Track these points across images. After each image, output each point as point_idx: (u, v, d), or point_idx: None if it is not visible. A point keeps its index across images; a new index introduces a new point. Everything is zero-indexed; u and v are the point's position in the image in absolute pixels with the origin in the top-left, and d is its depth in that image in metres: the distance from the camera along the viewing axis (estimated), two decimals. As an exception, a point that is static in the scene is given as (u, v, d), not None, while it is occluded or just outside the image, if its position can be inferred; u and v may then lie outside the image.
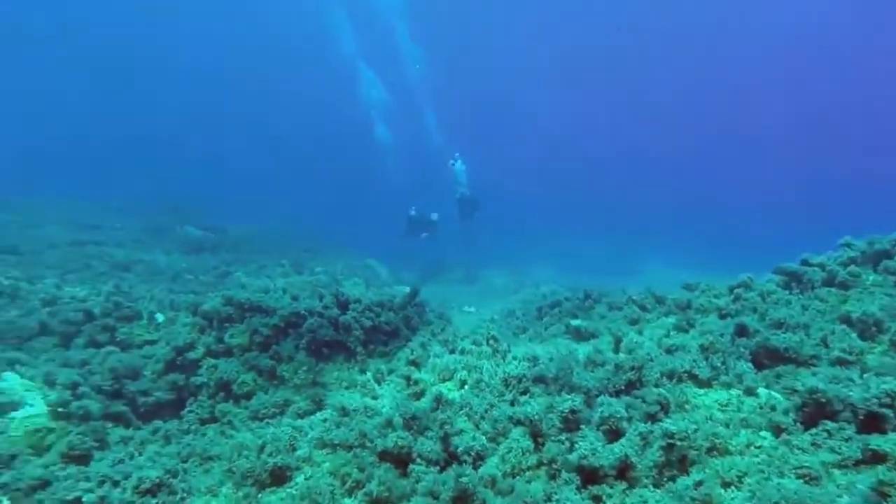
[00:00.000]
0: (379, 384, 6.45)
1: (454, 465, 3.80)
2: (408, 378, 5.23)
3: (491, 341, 5.74)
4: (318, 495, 3.85)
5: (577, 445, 3.64)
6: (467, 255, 22.85)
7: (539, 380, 4.66)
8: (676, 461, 3.74)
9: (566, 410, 3.93)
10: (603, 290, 9.21)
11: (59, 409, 5.51)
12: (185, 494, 3.65)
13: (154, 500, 3.20)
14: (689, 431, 3.75)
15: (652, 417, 4.13)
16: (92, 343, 7.35)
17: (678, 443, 3.68)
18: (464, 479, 3.13)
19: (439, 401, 4.62)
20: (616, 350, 6.52)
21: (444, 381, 5.33)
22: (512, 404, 4.49)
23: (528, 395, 4.58)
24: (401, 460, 4.17)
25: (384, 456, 4.22)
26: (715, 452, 3.99)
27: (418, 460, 4.09)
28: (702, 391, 4.96)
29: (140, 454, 4.75)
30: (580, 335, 7.44)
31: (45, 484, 3.70)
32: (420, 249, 21.92)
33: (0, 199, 17.36)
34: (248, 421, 6.23)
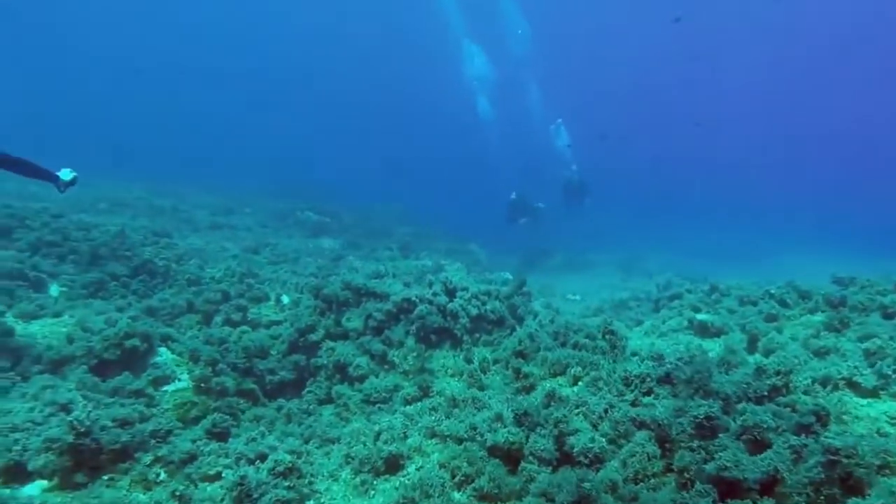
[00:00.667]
0: (485, 374, 6.35)
1: (572, 468, 3.58)
2: (517, 371, 5.05)
3: (608, 335, 5.37)
4: (429, 487, 3.84)
5: (716, 455, 3.23)
6: (568, 241, 21.99)
7: (665, 380, 4.25)
8: (838, 479, 3.20)
9: (701, 416, 3.52)
10: (731, 283, 8.29)
11: (202, 385, 6.09)
12: (311, 478, 3.82)
13: (286, 482, 3.38)
14: (856, 447, 3.19)
15: (805, 429, 3.57)
16: (228, 322, 8.07)
17: (843, 459, 3.13)
18: (586, 485, 2.90)
19: (552, 397, 4.40)
20: (751, 350, 5.83)
21: (555, 375, 5.09)
22: (633, 405, 4.14)
23: (653, 396, 4.19)
24: (511, 457, 4.03)
25: (494, 451, 4.10)
26: (887, 471, 3.37)
27: (530, 458, 3.92)
28: (864, 401, 4.24)
29: (269, 433, 5.09)
30: (705, 331, 6.75)
31: (192, 458, 4.07)
32: (522, 234, 21.43)
33: (159, 188, 19.83)
34: (361, 404, 6.46)
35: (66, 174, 6.28)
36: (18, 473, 3.62)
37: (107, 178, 18.52)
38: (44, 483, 3.58)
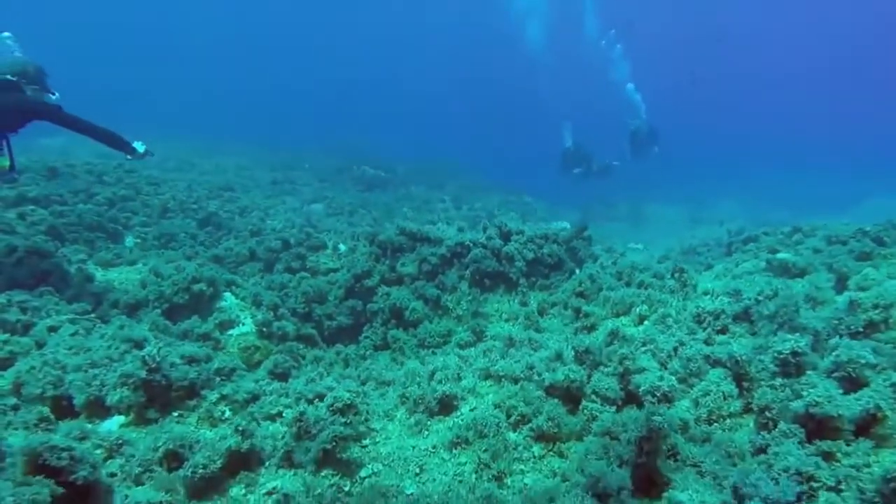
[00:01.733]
0: (542, 316, 6.13)
1: (636, 407, 3.33)
2: (577, 310, 4.78)
3: (678, 274, 4.96)
4: (484, 427, 3.72)
5: (803, 392, 2.87)
6: (631, 192, 20.84)
7: (742, 317, 3.85)
8: (951, 422, 2.77)
9: (786, 351, 3.14)
10: (816, 223, 7.49)
11: (264, 329, 6.25)
12: (367, 416, 3.80)
13: (343, 419, 3.36)
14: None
15: (912, 368, 3.12)
16: (288, 269, 8.24)
17: (957, 400, 2.70)
18: (657, 419, 2.65)
19: (615, 335, 4.11)
20: (839, 291, 5.23)
21: (618, 315, 4.78)
22: (707, 343, 3.79)
23: (728, 334, 3.82)
24: (571, 397, 3.82)
25: (552, 390, 3.90)
26: None
27: (592, 397, 3.70)
28: None
29: (328, 374, 5.15)
30: (786, 271, 6.13)
31: (255, 398, 4.15)
32: (579, 185, 20.48)
33: (220, 147, 20.50)
34: (415, 349, 6.44)
35: (139, 146, 6.48)
36: (99, 408, 3.81)
37: (176, 140, 19.27)
38: (121, 418, 3.76)
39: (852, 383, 3.10)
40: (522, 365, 4.24)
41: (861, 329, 3.54)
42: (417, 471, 3.62)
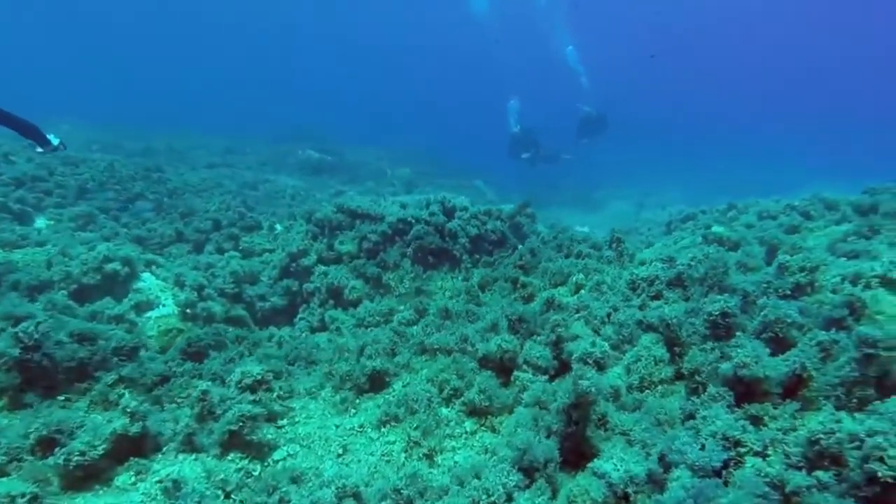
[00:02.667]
0: (483, 291, 5.94)
1: (567, 374, 3.17)
2: (514, 281, 4.60)
3: (615, 244, 4.86)
4: (415, 403, 3.48)
5: (732, 353, 2.77)
6: (579, 178, 21.01)
7: (676, 283, 3.77)
8: (874, 378, 2.74)
9: (716, 313, 3.04)
10: (749, 200, 7.65)
11: (187, 311, 5.76)
12: (283, 393, 3.49)
13: (252, 396, 3.03)
14: (895, 339, 2.71)
15: (836, 323, 3.09)
16: (219, 250, 7.71)
17: (881, 353, 2.66)
18: (583, 383, 2.48)
19: (550, 304, 3.95)
20: (770, 262, 5.30)
21: (556, 285, 4.63)
22: (640, 309, 3.68)
23: (662, 300, 3.72)
24: (504, 368, 3.64)
25: (485, 362, 3.71)
26: (928, 372, 2.91)
27: (524, 367, 3.52)
28: (902, 302, 3.72)
29: (250, 354, 4.77)
30: (720, 245, 6.19)
31: (165, 380, 3.75)
32: (529, 171, 20.41)
33: (156, 130, 19.20)
34: (354, 329, 6.13)
35: (54, 139, 6.01)
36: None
37: (112, 127, 17.90)
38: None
39: (779, 343, 3.04)
40: (457, 337, 4.03)
41: (789, 291, 3.51)
42: (340, 451, 3.35)
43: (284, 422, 3.43)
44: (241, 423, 2.90)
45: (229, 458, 2.93)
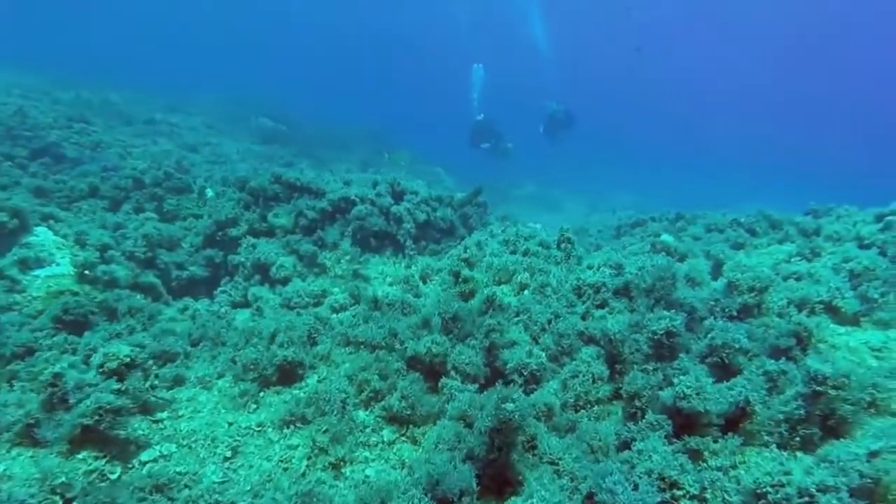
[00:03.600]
0: (424, 282, 5.53)
1: (498, 386, 2.80)
2: (456, 275, 4.21)
3: (564, 244, 4.55)
4: (326, 403, 3.03)
5: (674, 380, 2.48)
6: (539, 175, 20.87)
7: (623, 292, 3.48)
8: (819, 416, 2.53)
9: (660, 332, 2.75)
10: (697, 212, 7.59)
11: (86, 272, 5.03)
12: (163, 382, 2.95)
13: (118, 385, 2.47)
14: (847, 376, 2.50)
15: (783, 353, 2.87)
16: (138, 210, 6.90)
17: (829, 391, 2.44)
18: (507, 407, 2.11)
19: (491, 303, 3.58)
20: (715, 277, 5.14)
21: (500, 283, 4.27)
22: (584, 318, 3.36)
23: (607, 309, 3.42)
24: (433, 371, 3.25)
25: (413, 363, 3.30)
26: (873, 410, 2.74)
27: (453, 373, 3.13)
28: (843, 329, 3.59)
29: (144, 328, 4.14)
30: (668, 255, 6.04)
31: (29, 352, 3.11)
32: (491, 165, 19.98)
33: (96, 81, 17.42)
34: (279, 309, 5.59)
35: None
36: None
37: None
38: None
39: (725, 370, 2.79)
40: (385, 331, 3.60)
41: (736, 313, 3.29)
42: (229, 454, 2.85)
43: (164, 415, 2.90)
44: (97, 417, 2.35)
45: (80, 456, 2.38)
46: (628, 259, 4.11)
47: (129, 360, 2.55)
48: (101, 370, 2.48)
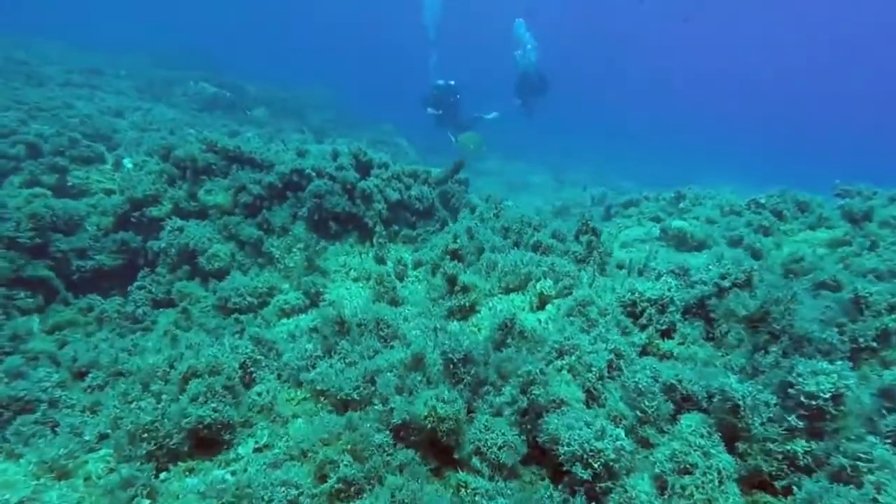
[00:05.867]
0: (402, 281, 4.27)
1: (549, 490, 1.62)
2: (451, 280, 2.96)
3: (586, 236, 3.37)
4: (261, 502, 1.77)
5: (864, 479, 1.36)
6: (500, 146, 19.53)
7: (696, 310, 2.35)
8: None
9: (823, 394, 1.63)
10: (700, 190, 6.59)
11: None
12: None
13: None
14: None
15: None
16: (32, 183, 5.22)
17: None
18: None
19: (508, 330, 2.37)
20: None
21: (508, 290, 3.06)
22: (654, 355, 2.22)
23: (677, 338, 2.29)
24: (439, 447, 2.01)
25: (406, 433, 2.04)
26: None
27: (474, 460, 1.91)
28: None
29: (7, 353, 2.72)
30: (683, 242, 5.02)
31: None
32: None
33: (21, 41, 14.54)
34: (212, 311, 4.20)
35: None
36: None
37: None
38: None
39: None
40: (359, 373, 2.32)
41: (875, 342, 2.22)
42: None
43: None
44: None
45: None
46: (691, 257, 2.99)
47: None
48: None
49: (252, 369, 2.67)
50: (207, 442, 2.20)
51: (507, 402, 1.94)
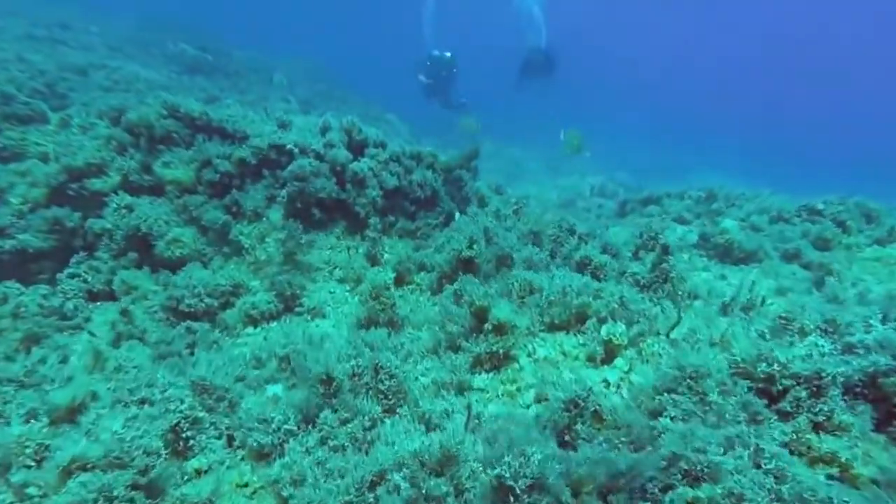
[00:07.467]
0: (400, 286, 3.35)
1: None
2: (479, 314, 2.05)
3: (650, 249, 2.49)
4: None
5: None
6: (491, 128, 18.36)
7: (862, 391, 1.50)
8: None
9: None
10: (732, 190, 5.74)
11: None
12: None
13: None
14: None
15: None
16: (-53, 143, 4.12)
17: None
18: None
19: (578, 406, 1.49)
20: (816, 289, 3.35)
21: (553, 327, 2.16)
22: (832, 477, 1.37)
23: (847, 439, 1.45)
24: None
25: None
26: None
27: None
28: None
29: None
30: (727, 253, 4.19)
31: None
32: (443, 114, 16.85)
33: None
34: (160, 312, 3.24)
35: None
36: None
37: None
38: None
39: None
40: (350, 481, 1.43)
41: None
42: None
43: None
44: None
45: None
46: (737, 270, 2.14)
47: None
48: None
49: (188, 434, 1.76)
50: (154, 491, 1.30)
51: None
